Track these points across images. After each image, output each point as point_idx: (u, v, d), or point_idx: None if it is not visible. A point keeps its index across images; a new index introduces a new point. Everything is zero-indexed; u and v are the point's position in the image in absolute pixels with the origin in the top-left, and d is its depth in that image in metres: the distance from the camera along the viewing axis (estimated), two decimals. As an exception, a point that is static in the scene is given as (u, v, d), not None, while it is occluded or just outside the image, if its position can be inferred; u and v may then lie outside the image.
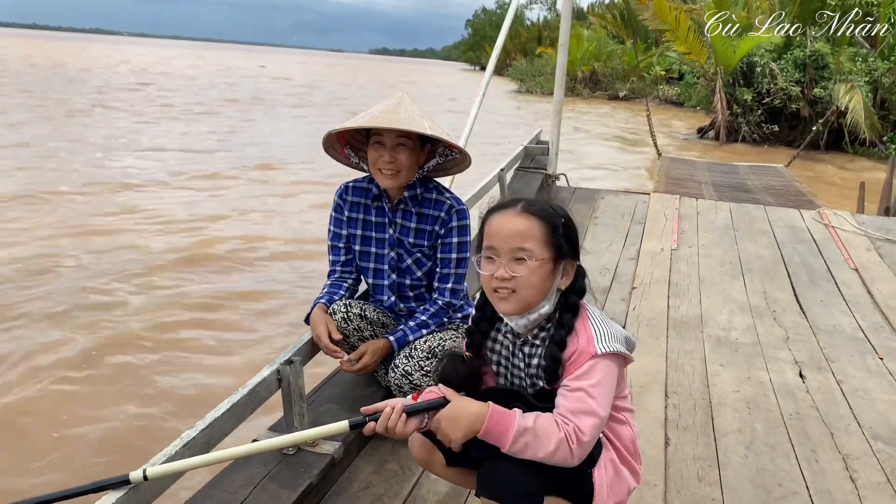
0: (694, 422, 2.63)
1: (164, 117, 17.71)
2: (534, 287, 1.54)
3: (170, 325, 5.03)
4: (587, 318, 1.57)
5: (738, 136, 18.39)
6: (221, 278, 6.02)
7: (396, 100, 2.30)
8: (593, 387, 1.49)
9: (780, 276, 4.24)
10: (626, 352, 1.56)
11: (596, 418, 1.47)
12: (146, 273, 5.89)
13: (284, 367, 2.12)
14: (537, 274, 1.53)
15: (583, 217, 5.30)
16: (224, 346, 4.80)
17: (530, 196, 5.16)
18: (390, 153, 2.26)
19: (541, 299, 1.57)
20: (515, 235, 1.53)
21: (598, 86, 37.29)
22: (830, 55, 17.41)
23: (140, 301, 5.36)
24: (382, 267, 2.49)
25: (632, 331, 3.44)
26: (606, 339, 1.52)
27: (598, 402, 1.49)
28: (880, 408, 2.81)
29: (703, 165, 9.30)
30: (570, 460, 1.47)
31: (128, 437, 3.77)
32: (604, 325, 1.56)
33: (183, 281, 5.86)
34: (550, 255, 1.53)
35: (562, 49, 5.41)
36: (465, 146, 4.04)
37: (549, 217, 1.54)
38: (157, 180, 9.79)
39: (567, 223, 1.57)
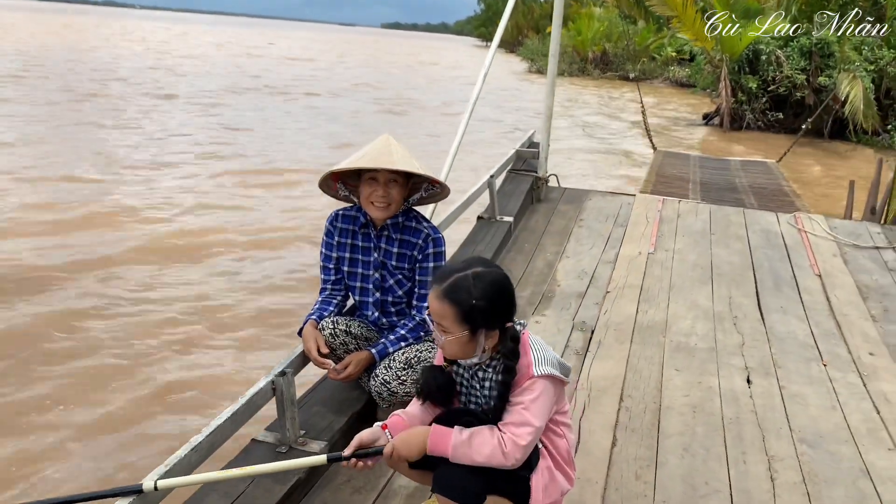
0: (641, 424, 2.97)
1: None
2: (455, 351, 1.92)
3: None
4: (528, 346, 1.92)
5: (742, 124, 18.54)
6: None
7: (385, 141, 2.65)
8: (531, 402, 1.85)
9: (747, 282, 4.55)
10: (559, 375, 1.91)
11: (531, 428, 1.83)
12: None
13: (278, 378, 2.47)
14: (455, 343, 1.89)
15: (569, 220, 5.61)
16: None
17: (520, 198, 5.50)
18: (384, 189, 2.61)
19: (468, 356, 1.93)
20: (434, 314, 1.90)
21: (609, 66, 37.21)
22: (836, 43, 17.46)
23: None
24: (368, 286, 2.84)
25: (600, 336, 3.78)
26: (542, 364, 1.88)
27: (534, 414, 1.85)
28: (813, 412, 3.14)
29: (696, 160, 9.55)
30: (506, 463, 1.84)
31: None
32: (541, 351, 1.92)
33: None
34: (465, 331, 1.86)
35: (552, 59, 5.66)
36: (461, 137, 4.37)
37: (464, 301, 1.83)
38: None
39: (484, 304, 1.83)
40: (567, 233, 5.35)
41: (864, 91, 16.56)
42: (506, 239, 5.05)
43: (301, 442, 2.51)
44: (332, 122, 16.82)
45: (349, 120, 17.34)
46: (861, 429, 3.02)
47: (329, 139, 14.16)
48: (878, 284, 4.61)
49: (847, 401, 3.25)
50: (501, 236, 4.97)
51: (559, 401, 2.00)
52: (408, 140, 9.96)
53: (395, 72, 35.76)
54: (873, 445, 2.91)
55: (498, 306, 1.89)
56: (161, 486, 1.82)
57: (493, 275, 1.91)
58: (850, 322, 4.06)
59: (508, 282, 1.94)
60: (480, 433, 1.84)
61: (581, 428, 2.90)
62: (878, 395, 3.31)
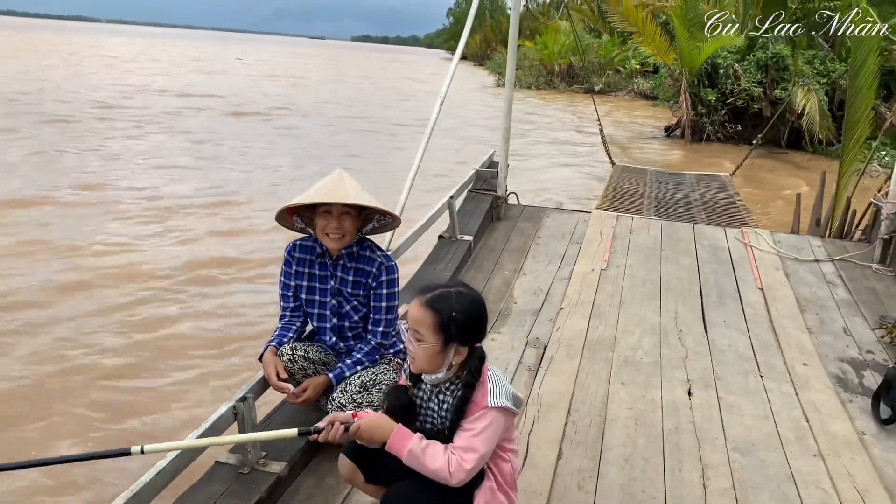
0: (586, 437, 3.16)
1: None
2: (425, 361, 2.08)
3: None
4: (486, 377, 2.10)
5: (703, 136, 18.99)
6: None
7: (338, 175, 2.83)
8: (481, 430, 2.03)
9: (693, 297, 4.78)
10: (511, 407, 2.08)
11: (477, 454, 2.01)
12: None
13: (240, 403, 2.62)
14: (427, 353, 2.06)
15: (527, 237, 5.81)
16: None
17: (479, 217, 5.69)
18: (337, 221, 2.77)
19: (435, 370, 2.10)
20: (413, 321, 2.07)
21: (575, 79, 37.74)
22: (791, 57, 18.03)
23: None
24: (325, 312, 2.99)
25: (552, 352, 3.97)
26: (497, 396, 2.05)
27: (482, 442, 2.02)
28: (747, 422, 3.36)
29: (653, 175, 9.86)
30: (450, 481, 2.01)
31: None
32: (497, 384, 2.09)
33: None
34: (439, 341, 2.04)
35: (508, 84, 5.87)
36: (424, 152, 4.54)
37: (444, 311, 2.02)
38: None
39: (461, 318, 2.03)
40: (525, 250, 5.55)
41: (818, 103, 17.13)
42: (466, 257, 5.23)
43: (262, 463, 2.66)
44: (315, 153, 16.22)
45: (336, 149, 16.03)
46: (790, 436, 3.24)
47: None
48: (816, 297, 4.87)
49: (779, 410, 3.47)
50: (462, 255, 5.15)
51: (508, 429, 2.18)
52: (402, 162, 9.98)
53: (375, 89, 35.67)
54: (800, 452, 3.13)
55: (473, 325, 2.08)
56: (147, 449, 1.98)
57: (473, 295, 2.12)
58: (788, 334, 4.30)
59: (485, 306, 2.14)
60: (435, 447, 2.02)
61: (529, 442, 3.08)
62: (808, 404, 3.54)
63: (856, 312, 4.65)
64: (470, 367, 2.10)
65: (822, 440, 3.22)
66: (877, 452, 3.15)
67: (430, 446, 2.02)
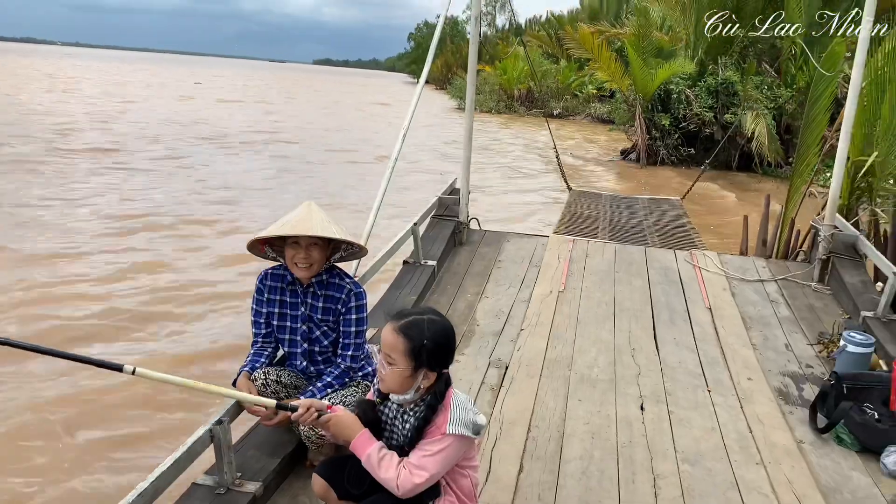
0: (546, 452, 3.34)
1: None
2: (394, 383, 2.24)
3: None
4: (449, 403, 2.25)
5: (657, 159, 19.58)
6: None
7: (306, 207, 2.99)
8: (436, 453, 2.20)
9: (645, 316, 5.02)
10: (469, 435, 2.24)
11: (427, 474, 2.17)
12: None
13: (216, 426, 2.74)
14: (397, 376, 2.22)
15: (488, 261, 6.02)
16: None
17: (443, 242, 5.88)
18: (305, 251, 2.93)
19: (403, 391, 2.26)
20: (386, 345, 2.23)
21: (534, 104, 38.46)
22: (739, 83, 18.74)
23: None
24: (296, 338, 3.14)
25: (513, 371, 4.15)
26: (456, 424, 2.21)
27: (434, 463, 2.19)
28: (696, 434, 3.58)
29: (607, 199, 10.20)
30: (397, 492, 2.19)
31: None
32: (460, 412, 2.23)
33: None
34: (410, 366, 2.20)
35: (468, 115, 6.10)
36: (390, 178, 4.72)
37: (416, 339, 2.18)
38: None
39: (432, 345, 2.19)
40: (486, 274, 5.75)
41: (767, 127, 17.84)
42: (430, 281, 5.41)
43: (238, 483, 2.78)
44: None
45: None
46: (735, 447, 3.47)
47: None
48: (760, 315, 5.15)
49: (726, 422, 3.70)
50: (426, 279, 5.33)
51: (468, 450, 2.34)
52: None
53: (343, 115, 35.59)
54: (744, 461, 3.35)
55: (442, 352, 2.23)
56: (139, 372, 2.23)
57: (443, 324, 2.27)
58: (734, 351, 4.56)
59: (454, 334, 2.30)
60: (391, 459, 2.19)
61: (492, 457, 3.25)
62: (752, 416, 3.78)
63: (797, 329, 4.94)
64: (436, 391, 2.26)
65: (764, 449, 3.45)
66: (813, 459, 3.39)
67: (386, 456, 2.20)
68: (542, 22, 58.92)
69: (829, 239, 5.70)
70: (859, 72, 5.42)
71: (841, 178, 5.72)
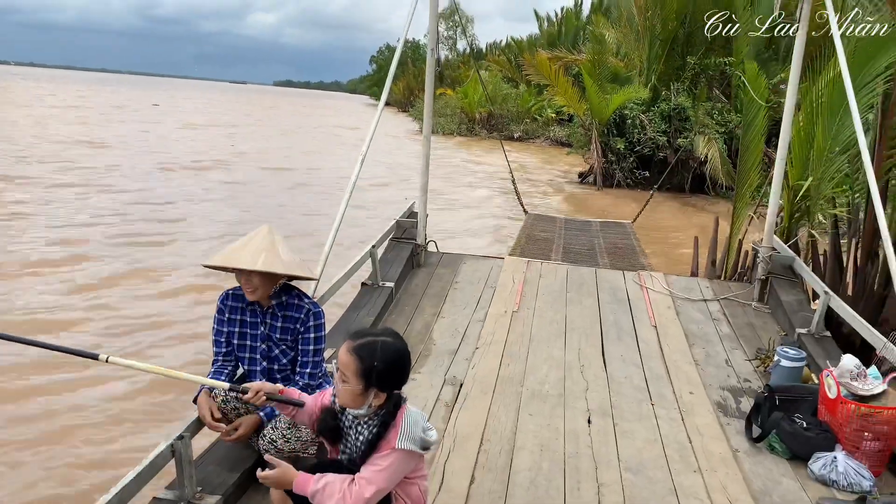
0: (497, 464, 3.50)
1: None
2: (347, 399, 2.38)
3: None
4: (400, 420, 2.37)
5: (613, 182, 20.09)
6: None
7: (252, 235, 3.13)
8: (385, 467, 2.32)
9: (594, 335, 5.24)
10: (418, 451, 2.37)
11: (376, 488, 2.30)
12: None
13: (177, 442, 2.84)
14: (349, 393, 2.35)
15: (446, 282, 6.20)
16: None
17: (401, 264, 6.04)
18: (246, 277, 3.06)
19: (356, 407, 2.40)
20: (341, 363, 2.36)
21: (495, 127, 39.04)
22: (691, 109, 19.40)
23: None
24: (255, 356, 3.26)
25: (468, 388, 4.31)
26: (406, 439, 2.34)
27: (383, 478, 2.31)
28: (639, 445, 3.78)
29: (562, 222, 10.50)
30: None
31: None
32: (409, 428, 2.36)
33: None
34: (361, 385, 2.33)
35: (425, 141, 6.30)
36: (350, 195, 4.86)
37: (367, 360, 2.30)
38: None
39: (382, 367, 2.31)
40: (444, 295, 5.92)
41: (718, 151, 18.47)
42: (388, 303, 5.55)
43: (199, 497, 2.88)
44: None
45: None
46: (675, 456, 3.68)
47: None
48: (702, 332, 5.41)
49: (667, 434, 3.91)
50: (384, 300, 5.47)
51: (417, 463, 2.48)
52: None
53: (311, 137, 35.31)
54: (683, 469, 3.56)
55: (393, 374, 2.35)
56: (111, 360, 2.42)
57: (397, 347, 2.38)
58: (677, 367, 4.79)
59: (408, 357, 2.41)
60: (332, 485, 2.29)
61: (445, 470, 3.39)
62: (692, 427, 3.99)
63: (737, 346, 5.21)
64: (387, 409, 2.40)
65: (701, 458, 3.67)
66: (747, 467, 3.61)
67: (327, 485, 2.30)
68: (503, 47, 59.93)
69: (767, 260, 6.01)
70: (792, 102, 5.77)
71: (777, 203, 6.05)
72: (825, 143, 6.38)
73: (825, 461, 3.54)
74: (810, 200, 6.64)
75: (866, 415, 3.55)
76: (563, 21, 45.52)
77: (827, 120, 6.34)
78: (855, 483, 3.42)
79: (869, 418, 3.55)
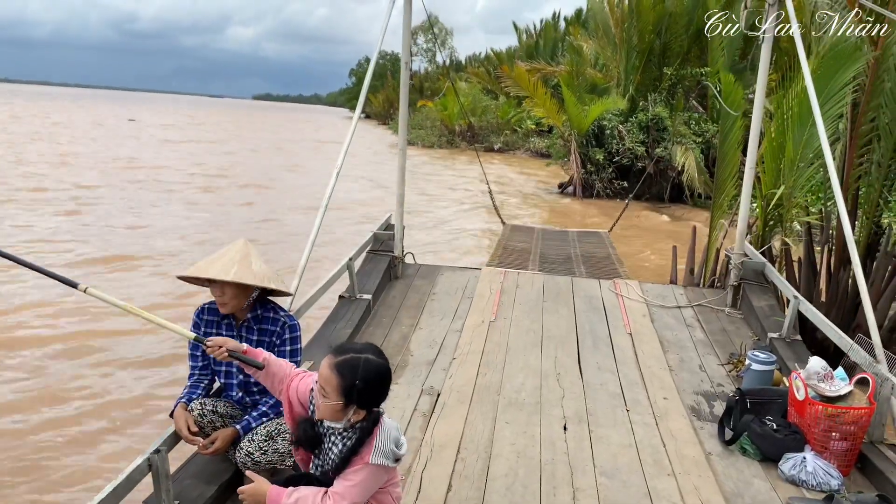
0: (474, 471, 3.54)
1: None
2: (326, 413, 2.41)
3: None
4: (376, 434, 2.40)
5: (593, 192, 20.27)
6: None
7: (227, 249, 3.18)
8: (359, 482, 2.36)
9: (571, 343, 5.30)
10: (390, 465, 2.40)
11: (350, 501, 2.33)
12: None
13: (153, 455, 2.85)
14: (329, 408, 2.38)
15: (423, 294, 6.24)
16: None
17: (378, 276, 6.07)
18: (220, 289, 3.10)
19: (334, 420, 2.43)
20: (322, 378, 2.39)
21: (475, 138, 39.24)
22: (669, 118, 19.65)
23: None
24: (232, 369, 3.29)
25: (445, 398, 4.35)
26: (378, 454, 2.37)
27: (356, 492, 2.35)
28: (614, 450, 3.83)
29: (539, 233, 10.59)
30: None
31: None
32: (385, 443, 2.39)
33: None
34: (341, 402, 2.36)
35: (401, 154, 6.37)
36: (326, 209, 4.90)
37: (348, 378, 2.33)
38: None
39: (363, 386, 2.34)
40: (421, 306, 5.96)
41: (696, 161, 18.72)
42: (365, 315, 5.58)
43: (175, 510, 2.90)
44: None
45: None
46: (649, 460, 3.74)
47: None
48: (677, 339, 5.50)
49: (641, 438, 3.97)
50: (361, 313, 5.50)
51: (391, 474, 2.51)
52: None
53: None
54: (657, 473, 3.61)
55: (373, 392, 2.39)
56: (90, 291, 2.56)
57: (379, 365, 2.40)
58: (652, 373, 4.86)
59: (389, 375, 2.44)
60: (305, 497, 2.32)
61: (423, 478, 3.43)
62: (666, 432, 4.06)
63: (710, 351, 5.30)
64: (363, 426, 2.43)
65: (675, 462, 3.73)
66: (719, 469, 3.68)
67: (299, 499, 2.33)
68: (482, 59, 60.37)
69: (739, 267, 6.12)
70: (759, 112, 5.90)
71: (747, 210, 6.17)
72: (796, 153, 6.52)
73: (795, 461, 3.62)
74: (783, 208, 6.77)
75: (833, 415, 3.64)
76: (542, 33, 45.99)
77: (797, 129, 6.48)
78: (823, 482, 3.50)
79: (836, 418, 3.64)
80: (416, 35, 78.78)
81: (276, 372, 2.65)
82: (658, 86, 20.30)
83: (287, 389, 2.63)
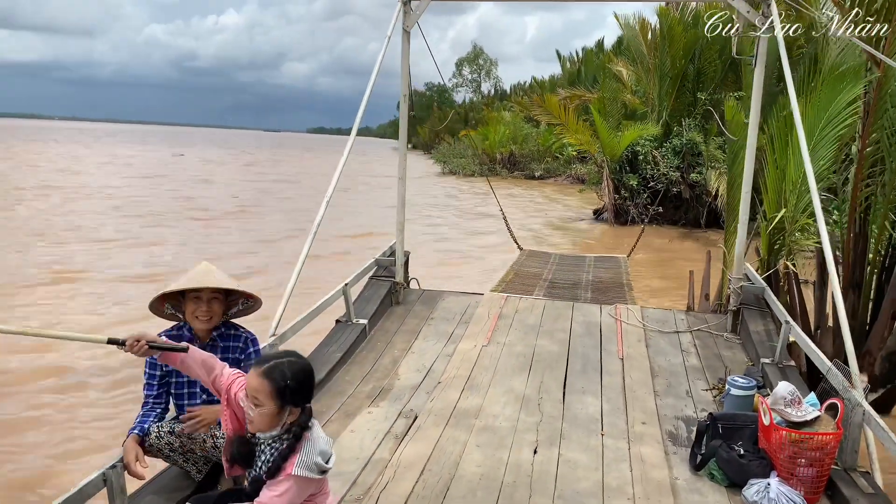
0: (432, 493, 3.58)
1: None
2: (263, 423, 2.51)
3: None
4: (302, 444, 2.50)
5: (627, 218, 20.11)
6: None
7: (205, 266, 3.35)
8: (283, 492, 2.45)
9: (559, 368, 5.30)
10: (314, 477, 2.49)
11: None
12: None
13: (109, 471, 3.00)
14: (265, 416, 2.49)
15: (421, 319, 6.33)
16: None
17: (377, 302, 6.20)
18: (207, 304, 3.27)
19: (270, 429, 2.54)
20: (252, 389, 2.50)
21: (516, 166, 39.38)
22: (703, 143, 19.44)
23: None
24: (195, 390, 3.43)
25: (422, 421, 4.41)
26: (301, 465, 2.46)
27: (279, 502, 2.43)
28: (579, 474, 3.83)
29: (556, 258, 10.57)
30: None
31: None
32: (308, 455, 2.48)
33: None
34: (276, 405, 2.47)
35: (400, 183, 6.52)
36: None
37: (278, 379, 2.45)
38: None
39: (294, 384, 2.46)
40: (417, 331, 6.05)
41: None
42: (359, 339, 5.70)
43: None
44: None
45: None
46: (612, 484, 3.72)
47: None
48: (669, 364, 5.45)
49: (610, 463, 3.95)
50: (355, 337, 5.62)
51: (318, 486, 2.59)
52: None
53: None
54: (615, 497, 3.60)
55: (304, 389, 2.52)
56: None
57: (301, 363, 2.55)
58: (636, 398, 4.83)
59: (312, 371, 2.59)
60: None
61: (379, 499, 3.50)
62: (636, 457, 4.03)
63: (701, 377, 5.23)
64: (299, 424, 2.53)
65: (638, 487, 3.70)
66: (683, 495, 3.65)
67: None
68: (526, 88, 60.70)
69: (738, 291, 6.05)
70: (754, 135, 5.87)
71: (745, 234, 6.10)
72: (797, 176, 6.45)
73: (758, 488, 3.56)
74: (786, 232, 6.67)
75: (797, 441, 3.58)
76: (584, 60, 46.07)
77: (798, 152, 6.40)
78: (785, 509, 3.44)
79: (801, 444, 3.58)
80: (462, 66, 79.99)
81: (206, 360, 2.74)
82: (692, 111, 20.12)
83: (227, 395, 2.71)
